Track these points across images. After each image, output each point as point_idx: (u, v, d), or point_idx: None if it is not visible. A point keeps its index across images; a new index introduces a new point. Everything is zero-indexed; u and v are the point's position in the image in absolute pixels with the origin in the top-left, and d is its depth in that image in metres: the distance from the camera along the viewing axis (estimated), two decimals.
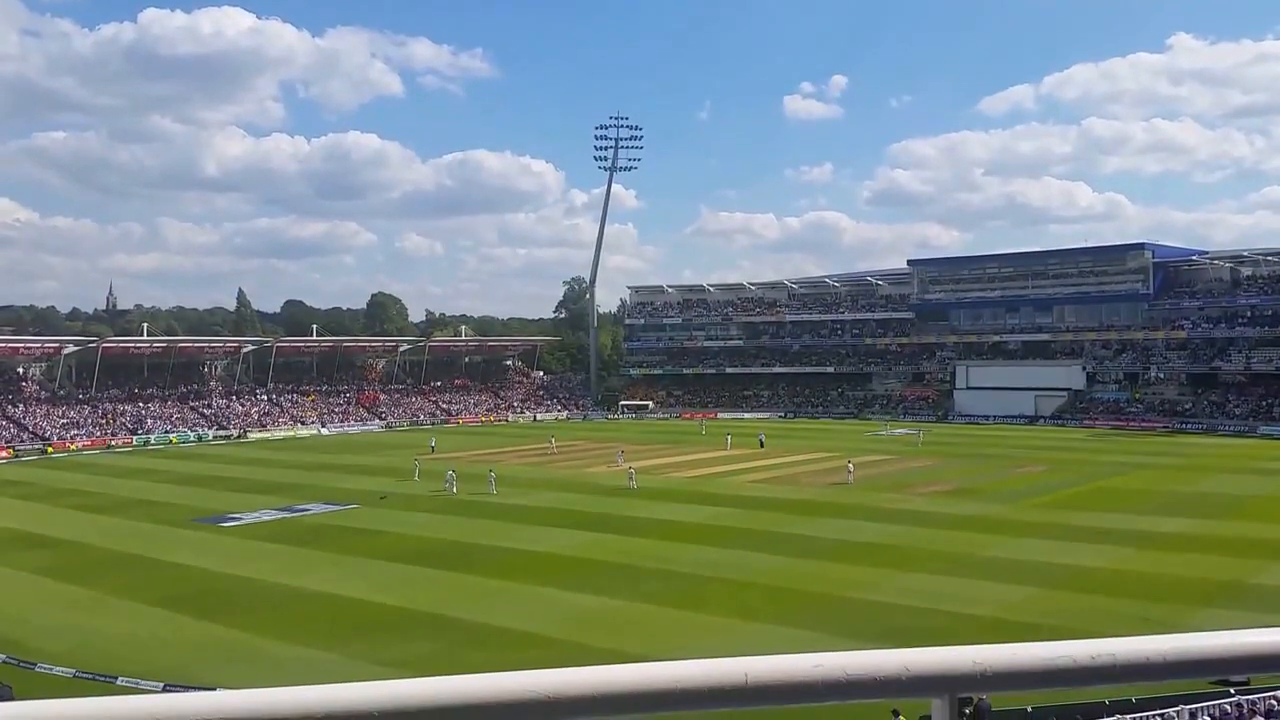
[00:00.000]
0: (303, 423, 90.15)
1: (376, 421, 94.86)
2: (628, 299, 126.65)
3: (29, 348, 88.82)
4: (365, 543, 35.20)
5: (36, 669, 21.55)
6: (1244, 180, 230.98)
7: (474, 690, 1.52)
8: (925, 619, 24.22)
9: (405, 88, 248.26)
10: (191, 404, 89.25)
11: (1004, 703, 16.72)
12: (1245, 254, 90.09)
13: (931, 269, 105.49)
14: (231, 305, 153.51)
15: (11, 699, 19.19)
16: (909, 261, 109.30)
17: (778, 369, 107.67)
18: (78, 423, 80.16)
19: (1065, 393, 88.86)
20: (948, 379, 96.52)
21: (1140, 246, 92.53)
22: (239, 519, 41.02)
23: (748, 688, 1.58)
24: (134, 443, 77.77)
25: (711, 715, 1.61)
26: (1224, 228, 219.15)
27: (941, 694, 1.67)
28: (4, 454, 70.48)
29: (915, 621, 24.01)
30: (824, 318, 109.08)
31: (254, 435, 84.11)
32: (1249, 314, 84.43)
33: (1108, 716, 16.23)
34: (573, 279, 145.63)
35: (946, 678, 1.66)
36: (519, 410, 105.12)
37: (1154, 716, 16.59)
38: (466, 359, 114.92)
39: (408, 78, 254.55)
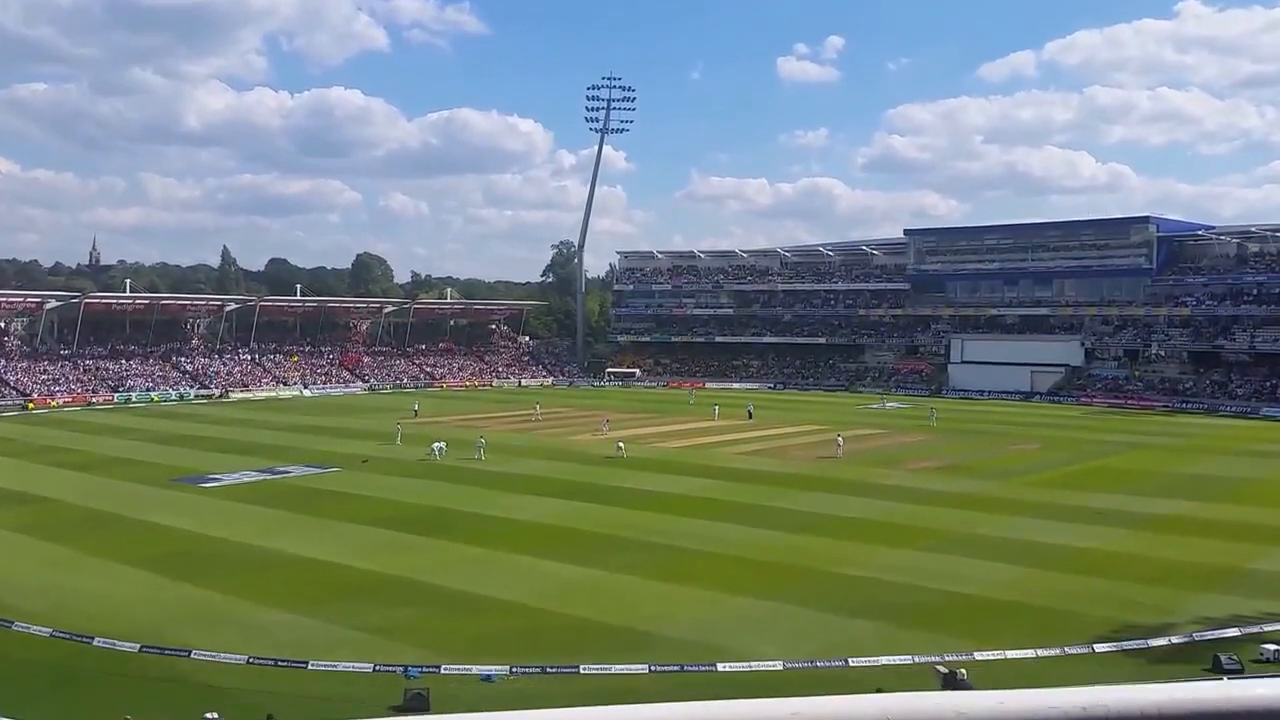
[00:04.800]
0: (285, 383, 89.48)
1: (359, 383, 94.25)
2: (616, 264, 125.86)
3: (11, 302, 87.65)
4: (347, 506, 34.79)
5: (13, 627, 21.24)
6: (1253, 153, 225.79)
7: None
8: (912, 596, 23.91)
9: (391, 42, 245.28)
10: (174, 362, 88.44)
11: None
12: (1253, 229, 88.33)
13: (929, 239, 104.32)
14: (215, 262, 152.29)
15: None
16: (905, 231, 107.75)
17: (769, 339, 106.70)
18: (59, 379, 79.33)
19: (1063, 369, 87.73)
20: (942, 352, 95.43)
21: (1144, 220, 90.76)
22: (219, 479, 40.56)
23: None
24: (115, 400, 77.09)
25: None
26: (1231, 201, 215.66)
27: None
28: None
29: (902, 599, 23.70)
30: (817, 287, 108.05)
31: (236, 395, 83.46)
32: (1255, 292, 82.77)
33: None
34: (561, 243, 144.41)
35: None
36: (504, 375, 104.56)
37: None
38: (452, 322, 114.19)
39: (394, 32, 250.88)
